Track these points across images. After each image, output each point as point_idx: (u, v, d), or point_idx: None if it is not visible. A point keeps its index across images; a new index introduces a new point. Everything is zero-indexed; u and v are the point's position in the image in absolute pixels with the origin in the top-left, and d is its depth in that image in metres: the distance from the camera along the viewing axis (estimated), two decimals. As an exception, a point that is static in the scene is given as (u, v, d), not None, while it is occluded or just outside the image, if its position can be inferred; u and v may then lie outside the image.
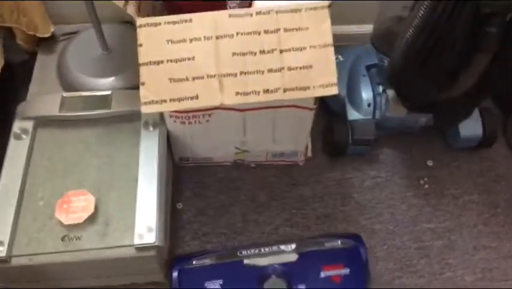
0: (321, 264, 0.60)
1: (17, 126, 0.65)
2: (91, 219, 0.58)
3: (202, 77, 0.55)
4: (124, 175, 0.62)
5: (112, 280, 0.63)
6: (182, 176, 0.73)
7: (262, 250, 0.60)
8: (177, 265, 0.61)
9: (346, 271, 0.59)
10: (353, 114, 0.72)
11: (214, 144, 0.69)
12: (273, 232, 0.68)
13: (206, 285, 0.58)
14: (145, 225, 0.57)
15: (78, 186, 0.60)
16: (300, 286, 0.57)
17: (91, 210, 0.58)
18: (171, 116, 0.62)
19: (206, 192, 0.72)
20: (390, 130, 0.74)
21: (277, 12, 0.55)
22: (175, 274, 0.60)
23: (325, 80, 0.56)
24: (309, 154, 0.74)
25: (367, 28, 0.70)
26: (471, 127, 0.72)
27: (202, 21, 0.55)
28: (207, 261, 0.61)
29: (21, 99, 0.69)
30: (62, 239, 0.57)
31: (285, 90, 0.56)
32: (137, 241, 0.56)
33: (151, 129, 0.65)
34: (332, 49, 0.56)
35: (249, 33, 0.55)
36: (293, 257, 0.60)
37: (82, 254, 0.56)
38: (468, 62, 0.53)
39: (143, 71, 0.55)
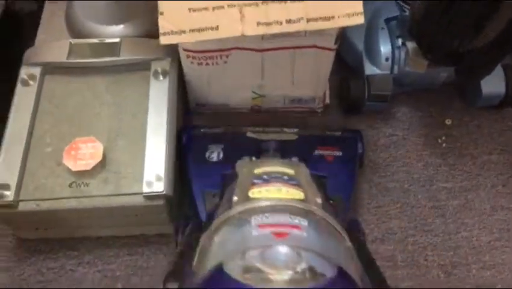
0: (317, 144, 0.63)
1: (24, 72, 0.63)
2: (99, 166, 0.56)
3: (223, 7, 0.52)
4: (133, 124, 0.60)
5: (121, 230, 0.62)
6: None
7: (267, 129, 0.66)
8: (187, 130, 0.66)
9: (339, 153, 0.63)
10: (370, 69, 0.70)
11: (231, 88, 0.68)
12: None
13: (209, 146, 0.63)
14: (154, 174, 0.56)
15: (86, 133, 0.59)
16: (293, 158, 0.59)
17: (100, 157, 0.56)
18: (188, 57, 0.61)
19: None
20: (408, 87, 0.71)
21: None
22: (185, 137, 0.65)
23: (350, 9, 0.53)
24: (327, 101, 0.72)
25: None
26: (493, 84, 0.69)
27: None
28: (215, 130, 0.67)
29: (29, 46, 0.67)
30: (70, 185, 0.56)
31: (308, 20, 0.53)
32: (146, 189, 0.55)
33: (161, 78, 0.63)
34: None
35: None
36: (293, 136, 0.65)
37: (90, 200, 0.55)
38: (496, 7, 0.50)
39: (162, 1, 0.52)
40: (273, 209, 0.38)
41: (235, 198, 0.42)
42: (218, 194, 0.56)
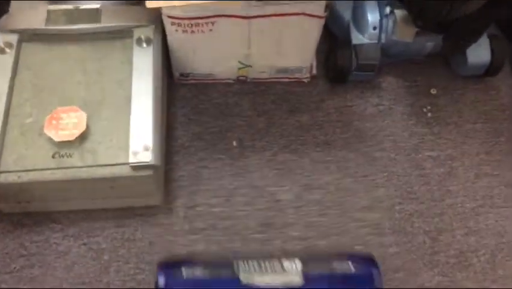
0: None
1: (0, 39, 0.60)
2: (83, 137, 0.55)
3: None
4: (117, 93, 0.58)
5: (107, 202, 0.61)
6: (178, 100, 0.70)
7: (263, 265, 0.51)
8: (165, 270, 0.51)
9: None
10: (357, 38, 0.69)
11: (216, 57, 0.66)
12: (271, 158, 0.66)
13: None
14: (140, 143, 0.54)
15: (68, 103, 0.57)
16: None
17: (83, 127, 0.55)
18: (172, 24, 0.59)
19: (202, 117, 0.69)
20: (394, 57, 0.71)
21: None
22: (161, 282, 0.50)
23: None
24: (314, 71, 0.71)
25: None
26: (479, 54, 0.69)
27: None
28: (197, 272, 0.51)
29: (3, 12, 0.64)
30: (53, 156, 0.54)
31: None
32: (132, 159, 0.54)
33: (144, 45, 0.61)
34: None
35: None
36: (297, 280, 0.50)
37: (74, 172, 0.53)
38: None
39: None
40: None
41: None
42: None
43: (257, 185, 0.64)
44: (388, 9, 0.67)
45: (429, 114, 0.70)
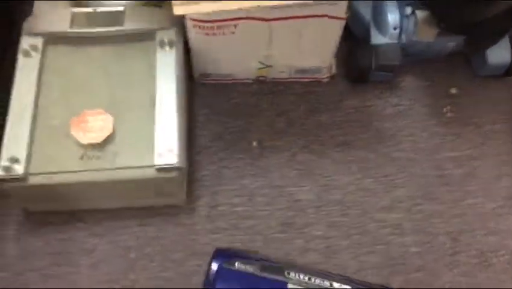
0: None
1: (25, 42, 0.61)
2: (110, 139, 0.56)
3: None
4: (142, 96, 0.59)
5: (131, 201, 0.62)
6: (198, 100, 0.71)
7: (312, 280, 0.52)
8: (219, 258, 0.53)
9: None
10: (378, 38, 0.69)
11: (237, 58, 0.67)
12: (291, 158, 0.67)
13: None
14: (165, 146, 0.55)
15: (94, 105, 0.58)
16: None
17: (110, 130, 0.56)
18: (194, 26, 0.59)
19: (222, 117, 0.70)
20: (415, 57, 0.71)
21: None
22: (214, 268, 0.52)
23: None
24: (334, 71, 0.72)
25: None
26: (499, 54, 0.69)
27: None
28: (250, 269, 0.53)
29: (27, 14, 0.65)
30: (81, 158, 0.55)
31: None
32: (157, 161, 0.55)
33: (167, 48, 0.62)
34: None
35: None
36: None
37: (101, 174, 0.55)
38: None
39: None
40: None
41: None
42: None
43: (278, 184, 0.65)
44: (409, 10, 0.67)
45: (449, 114, 0.70)
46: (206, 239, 0.61)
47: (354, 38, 0.73)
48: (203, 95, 0.71)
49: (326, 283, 0.52)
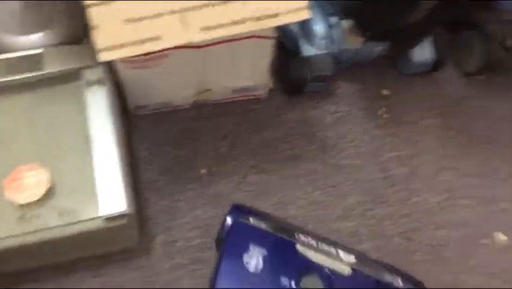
0: None
1: None
2: (49, 194, 0.52)
3: (162, 15, 0.50)
4: (76, 141, 0.56)
5: (82, 252, 0.58)
6: (137, 133, 0.68)
7: (320, 245, 0.55)
8: (235, 213, 0.56)
9: None
10: (308, 50, 0.70)
11: (172, 87, 0.65)
12: (241, 180, 0.66)
13: (250, 245, 0.53)
14: (110, 192, 0.53)
15: (25, 160, 0.54)
16: None
17: (48, 184, 0.52)
18: (122, 62, 0.57)
19: (165, 148, 0.68)
20: (345, 64, 0.73)
21: None
22: (229, 221, 0.55)
23: (294, 5, 0.53)
24: (271, 85, 0.72)
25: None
26: (422, 51, 0.72)
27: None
28: (263, 225, 0.55)
29: None
30: (20, 219, 0.51)
31: (253, 20, 0.52)
32: (104, 211, 0.52)
33: (96, 86, 0.59)
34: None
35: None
36: (347, 270, 0.53)
37: (45, 233, 0.51)
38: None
39: (93, 13, 0.48)
40: None
41: None
42: None
43: (231, 210, 0.64)
44: (334, 20, 0.68)
45: (385, 116, 0.73)
46: (166, 277, 0.59)
47: (286, 51, 0.73)
48: (142, 128, 0.69)
49: (333, 250, 0.54)
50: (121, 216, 0.52)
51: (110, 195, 0.52)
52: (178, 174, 0.66)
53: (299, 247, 0.54)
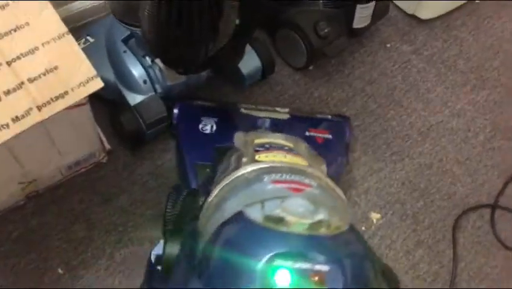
0: (308, 126, 0.66)
1: None
2: None
3: None
4: None
5: None
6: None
7: (259, 106, 0.67)
8: (178, 103, 0.65)
9: (329, 136, 0.66)
10: (133, 98, 0.64)
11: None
12: (109, 262, 0.59)
13: (202, 119, 0.64)
14: None
15: None
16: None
17: None
18: None
19: (10, 258, 0.58)
20: (178, 96, 0.68)
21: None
22: (176, 109, 0.65)
23: (82, 77, 0.49)
24: (108, 146, 0.65)
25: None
26: (249, 62, 0.69)
27: None
28: (207, 103, 0.67)
29: None
30: None
31: (39, 108, 0.47)
32: None
33: None
34: (70, 37, 0.49)
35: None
36: (285, 116, 0.66)
37: None
38: (221, 9, 0.49)
39: None
40: (284, 169, 0.39)
41: (244, 159, 0.42)
42: (210, 166, 0.55)
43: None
44: (148, 60, 0.63)
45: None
46: None
47: (115, 106, 0.66)
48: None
49: (270, 108, 0.68)
50: None
51: None
52: (35, 280, 0.57)
53: (242, 110, 0.66)
